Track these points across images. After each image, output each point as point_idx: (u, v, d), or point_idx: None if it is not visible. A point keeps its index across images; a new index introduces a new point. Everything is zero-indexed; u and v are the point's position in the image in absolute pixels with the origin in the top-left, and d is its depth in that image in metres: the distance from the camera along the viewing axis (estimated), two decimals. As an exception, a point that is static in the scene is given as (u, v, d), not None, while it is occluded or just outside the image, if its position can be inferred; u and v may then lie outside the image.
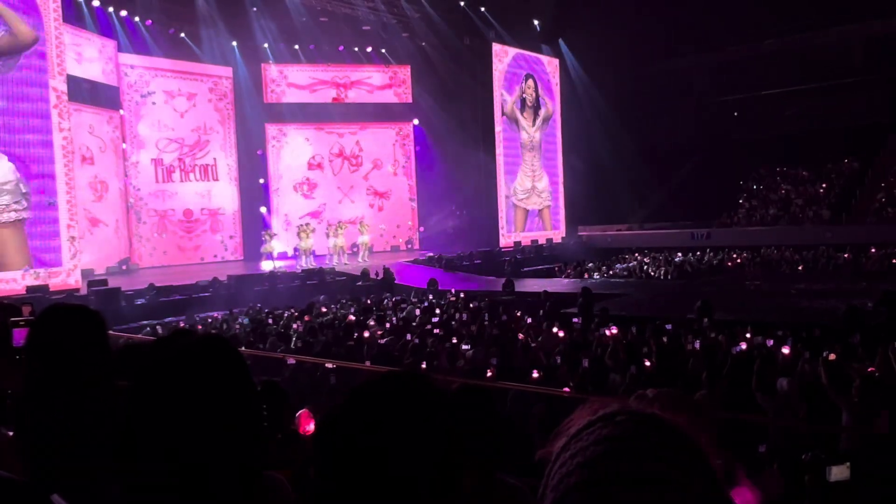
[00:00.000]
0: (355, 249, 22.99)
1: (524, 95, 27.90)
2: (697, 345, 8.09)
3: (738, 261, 23.43)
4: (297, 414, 4.01)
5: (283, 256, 22.19)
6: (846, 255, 21.69)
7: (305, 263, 20.47)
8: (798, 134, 31.19)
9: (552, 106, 29.48)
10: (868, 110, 29.90)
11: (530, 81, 28.20)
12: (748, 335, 9.02)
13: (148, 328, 11.94)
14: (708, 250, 25.04)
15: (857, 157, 29.11)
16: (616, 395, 5.68)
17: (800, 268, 21.51)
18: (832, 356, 5.54)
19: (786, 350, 7.46)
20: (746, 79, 32.68)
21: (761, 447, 4.94)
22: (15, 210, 15.20)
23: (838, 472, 2.65)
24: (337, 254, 21.83)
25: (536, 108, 28.57)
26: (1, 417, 1.65)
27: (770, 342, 8.29)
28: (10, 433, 1.54)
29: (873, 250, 21.29)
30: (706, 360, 7.07)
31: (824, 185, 28.88)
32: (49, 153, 15.69)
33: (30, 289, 14.53)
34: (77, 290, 15.64)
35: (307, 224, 22.40)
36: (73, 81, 17.38)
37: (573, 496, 0.65)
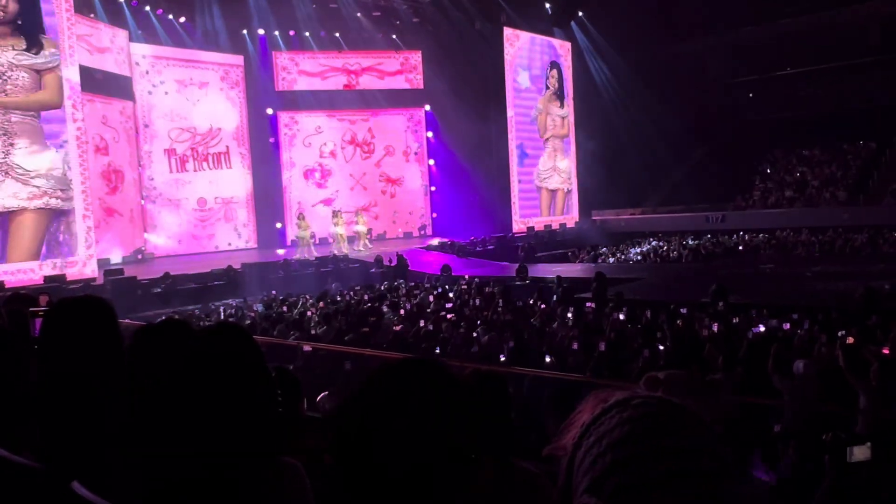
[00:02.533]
0: (354, 236, 22.83)
1: (547, 84, 27.82)
2: (715, 328, 8.06)
3: (754, 244, 23.26)
4: (318, 398, 4.04)
5: (294, 245, 22.17)
6: (863, 237, 21.47)
7: (338, 251, 20.51)
8: (814, 115, 30.81)
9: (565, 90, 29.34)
10: (885, 90, 29.45)
11: (554, 71, 28.09)
12: (764, 318, 8.97)
13: (164, 317, 12.02)
14: (723, 234, 24.90)
15: (875, 137, 28.73)
16: (630, 380, 5.68)
17: (816, 250, 21.32)
18: (850, 339, 5.49)
19: (802, 332, 7.42)
20: (762, 59, 32.30)
21: (776, 426, 4.93)
22: (49, 196, 15.36)
23: (860, 453, 2.63)
24: (339, 241, 21.63)
25: (561, 94, 28.52)
26: (25, 407, 1.66)
27: (786, 325, 8.23)
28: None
29: None
30: (723, 343, 7.04)
31: (841, 167, 28.55)
32: (63, 143, 15.79)
33: (47, 279, 14.68)
34: (93, 279, 15.78)
35: (339, 211, 22.41)
36: (85, 72, 17.44)
37: (612, 476, 0.70)
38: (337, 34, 25.72)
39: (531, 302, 11.96)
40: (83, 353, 1.49)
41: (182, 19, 22.76)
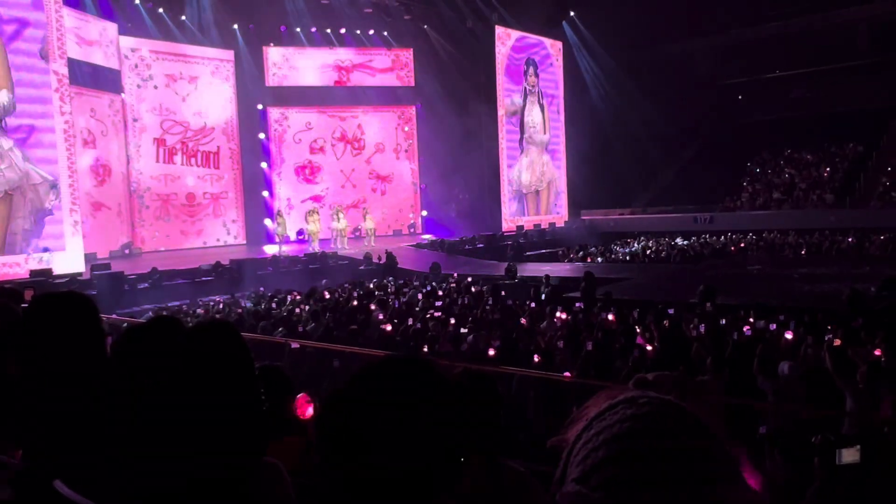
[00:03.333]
0: (358, 233, 22.97)
1: (527, 85, 27.77)
2: (703, 329, 8.09)
3: (741, 245, 23.39)
4: (296, 398, 4.01)
5: (286, 240, 22.12)
6: (850, 240, 21.62)
7: (311, 248, 20.48)
8: (802, 117, 31.02)
9: (555, 90, 29.35)
10: (873, 93, 29.69)
11: (531, 69, 28.04)
12: (751, 319, 9.00)
13: (151, 312, 11.96)
14: (711, 235, 25.03)
15: (862, 140, 28.95)
16: (618, 381, 5.69)
17: (803, 252, 21.46)
18: (837, 342, 5.52)
19: (788, 335, 7.45)
20: (751, 62, 32.47)
21: (761, 429, 4.95)
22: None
23: (848, 455, 2.64)
24: (339, 238, 21.80)
25: (538, 93, 28.47)
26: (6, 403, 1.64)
27: (773, 326, 8.27)
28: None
29: (883, 237, 21.15)
30: (710, 344, 7.06)
31: (828, 169, 28.75)
32: (50, 137, 15.65)
33: (33, 273, 14.55)
34: (80, 274, 15.65)
35: (314, 209, 22.33)
36: (73, 64, 17.31)
37: (603, 469, 0.70)
38: (328, 30, 25.65)
39: (518, 302, 11.97)
40: (63, 349, 1.47)
41: (172, 13, 22.61)
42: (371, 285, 14.88)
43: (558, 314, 9.89)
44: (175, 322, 1.39)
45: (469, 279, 15.15)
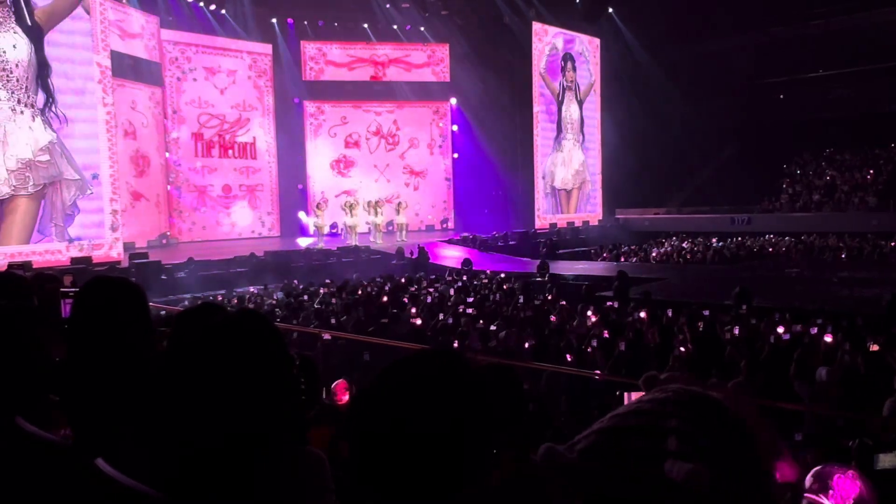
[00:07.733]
0: (391, 228, 23.05)
1: (564, 81, 27.61)
2: (737, 331, 7.97)
3: (780, 247, 22.96)
4: (333, 385, 4.05)
5: (328, 232, 22.22)
6: (892, 244, 21.10)
7: (349, 241, 20.60)
8: (844, 118, 30.26)
9: (592, 83, 29.11)
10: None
11: (569, 63, 27.85)
12: (788, 323, 8.84)
13: (187, 301, 12.16)
14: (749, 236, 24.61)
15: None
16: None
17: (843, 256, 20.99)
18: (874, 347, 5.40)
19: (828, 339, 7.31)
20: (792, 60, 31.78)
21: (797, 435, 4.86)
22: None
23: (886, 460, 2.58)
24: (374, 231, 21.90)
25: (575, 88, 28.28)
26: (50, 385, 1.69)
27: (814, 330, 8.11)
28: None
29: None
30: (746, 347, 6.96)
31: (871, 171, 28.04)
32: (93, 127, 15.98)
33: (74, 260, 14.89)
34: (119, 262, 15.97)
35: (354, 202, 22.38)
36: (116, 57, 17.63)
37: (589, 436, 0.71)
38: (365, 25, 25.75)
39: (552, 298, 11.91)
40: (114, 332, 1.51)
41: (212, 7, 22.91)
42: (403, 280, 14.93)
43: (589, 314, 9.81)
44: (217, 309, 1.41)
45: (502, 275, 15.12)
